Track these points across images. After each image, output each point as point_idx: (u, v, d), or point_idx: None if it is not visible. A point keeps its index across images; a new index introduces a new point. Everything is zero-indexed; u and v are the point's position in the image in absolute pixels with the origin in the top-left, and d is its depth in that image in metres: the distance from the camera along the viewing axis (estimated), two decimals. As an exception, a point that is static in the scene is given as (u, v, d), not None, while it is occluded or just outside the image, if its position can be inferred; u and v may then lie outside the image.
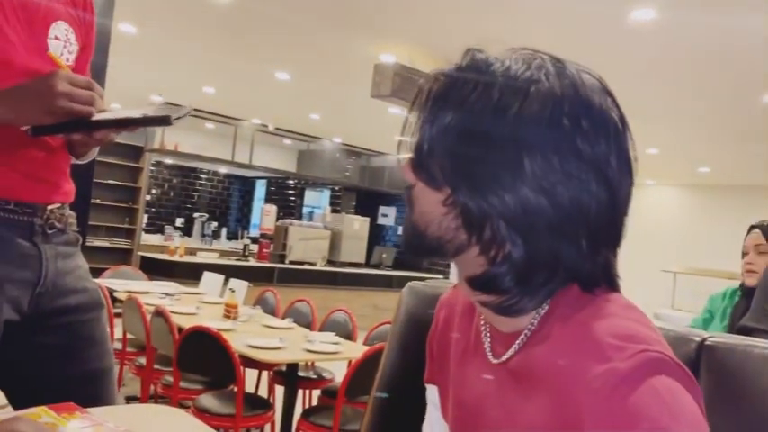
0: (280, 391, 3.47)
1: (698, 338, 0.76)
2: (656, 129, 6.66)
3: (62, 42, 1.16)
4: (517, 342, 0.65)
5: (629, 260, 1.62)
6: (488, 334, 0.71)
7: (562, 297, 0.64)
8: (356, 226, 9.35)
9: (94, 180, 5.42)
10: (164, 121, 1.04)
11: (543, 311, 0.64)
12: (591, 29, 4.12)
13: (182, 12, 4.70)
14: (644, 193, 10.81)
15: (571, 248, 0.61)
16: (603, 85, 0.64)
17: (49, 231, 1.16)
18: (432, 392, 0.83)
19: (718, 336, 0.76)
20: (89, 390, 1.20)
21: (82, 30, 1.22)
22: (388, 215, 11.05)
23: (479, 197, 0.61)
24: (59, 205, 1.19)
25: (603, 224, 0.61)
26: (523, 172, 0.59)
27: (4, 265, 1.09)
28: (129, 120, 1.07)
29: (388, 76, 4.93)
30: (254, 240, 9.16)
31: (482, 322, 0.73)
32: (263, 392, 3.62)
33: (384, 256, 9.69)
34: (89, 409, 0.96)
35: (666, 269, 9.84)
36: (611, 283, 0.65)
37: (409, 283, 1.09)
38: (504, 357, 0.67)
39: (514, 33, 4.34)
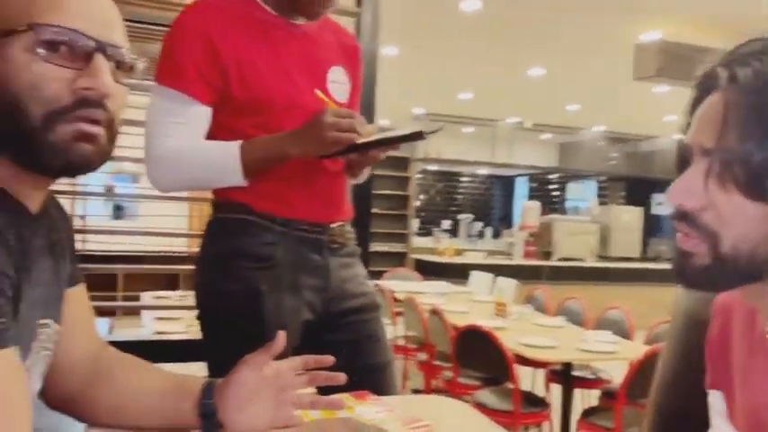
0: (555, 389, 3.43)
1: None
2: None
3: (338, 84, 1.37)
4: None
5: None
6: None
7: None
8: (626, 217, 8.77)
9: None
10: (418, 136, 1.17)
11: None
12: None
13: (436, 27, 4.97)
14: None
15: None
16: None
17: (333, 246, 1.35)
18: (715, 398, 0.77)
19: None
20: (374, 380, 1.35)
21: (352, 72, 1.42)
22: (663, 203, 10.15)
23: None
24: (341, 223, 1.38)
25: None
26: None
27: (302, 275, 1.31)
28: (388, 139, 1.23)
29: (652, 55, 4.57)
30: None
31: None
32: (538, 390, 3.62)
33: (662, 248, 8.92)
34: (381, 397, 1.10)
35: None
36: None
37: (685, 280, 1.01)
38: None
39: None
